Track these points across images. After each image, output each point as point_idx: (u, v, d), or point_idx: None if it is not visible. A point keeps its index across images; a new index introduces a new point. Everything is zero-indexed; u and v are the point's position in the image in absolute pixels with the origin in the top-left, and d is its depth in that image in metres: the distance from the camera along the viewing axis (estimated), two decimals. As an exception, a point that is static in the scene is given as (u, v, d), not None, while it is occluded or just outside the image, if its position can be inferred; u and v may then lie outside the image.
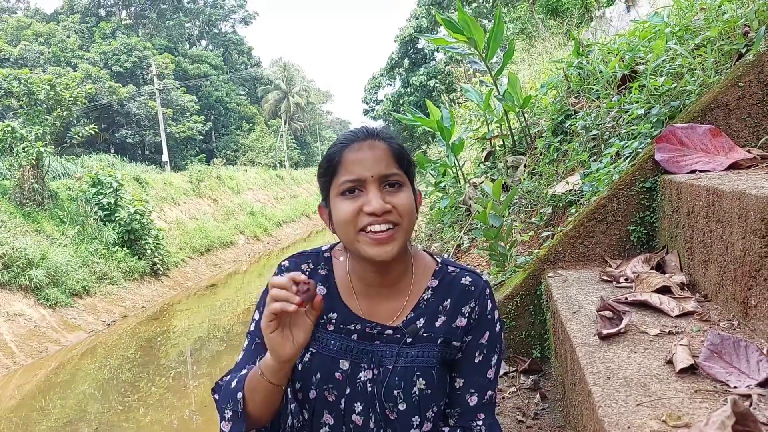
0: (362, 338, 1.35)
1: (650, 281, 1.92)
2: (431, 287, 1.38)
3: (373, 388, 1.31)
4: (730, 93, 2.25)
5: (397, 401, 1.30)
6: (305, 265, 1.42)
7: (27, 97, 15.37)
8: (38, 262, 12.21)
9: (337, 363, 1.34)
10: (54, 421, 8.12)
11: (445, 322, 1.35)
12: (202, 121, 42.97)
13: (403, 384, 1.30)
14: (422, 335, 1.34)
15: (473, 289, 1.37)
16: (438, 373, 1.32)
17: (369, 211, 1.23)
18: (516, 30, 14.44)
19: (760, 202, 1.38)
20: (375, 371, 1.32)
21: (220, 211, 25.10)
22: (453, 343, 1.35)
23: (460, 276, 1.39)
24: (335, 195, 1.28)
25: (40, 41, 39.91)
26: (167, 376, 9.75)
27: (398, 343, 1.33)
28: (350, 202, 1.25)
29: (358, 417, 1.31)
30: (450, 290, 1.37)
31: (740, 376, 1.24)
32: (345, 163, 1.27)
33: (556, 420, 2.08)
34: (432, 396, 1.31)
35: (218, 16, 57.65)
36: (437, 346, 1.34)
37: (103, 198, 15.66)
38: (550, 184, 3.50)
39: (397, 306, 1.37)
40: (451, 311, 1.36)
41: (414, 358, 1.32)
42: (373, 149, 1.28)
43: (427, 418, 1.31)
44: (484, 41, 4.05)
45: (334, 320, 1.36)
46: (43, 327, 11.40)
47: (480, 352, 1.36)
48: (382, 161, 1.27)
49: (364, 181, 1.25)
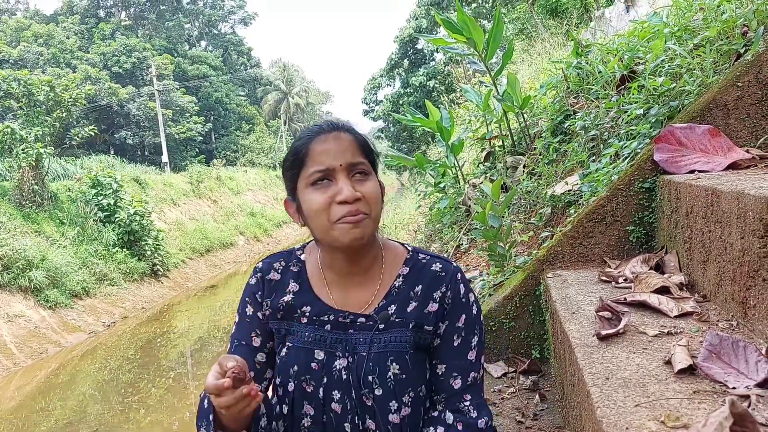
0: (336, 328, 1.38)
1: (649, 281, 1.92)
2: (402, 274, 1.41)
3: (349, 376, 1.33)
4: (728, 93, 2.25)
5: (373, 387, 1.32)
6: (277, 263, 1.47)
7: (26, 98, 15.38)
8: (38, 264, 12.21)
9: (312, 353, 1.36)
10: (54, 422, 8.13)
11: (417, 307, 1.38)
12: (201, 122, 42.93)
13: (378, 369, 1.32)
14: (394, 321, 1.36)
15: (443, 275, 1.40)
16: (411, 358, 1.34)
17: (341, 200, 1.26)
18: (515, 30, 14.43)
19: (759, 203, 1.38)
20: (350, 359, 1.35)
21: (219, 211, 25.11)
22: (425, 328, 1.37)
23: (430, 263, 1.42)
24: (304, 186, 1.31)
25: (40, 42, 39.90)
26: (167, 377, 9.75)
27: (371, 330, 1.36)
28: (321, 193, 1.29)
29: (337, 405, 1.33)
30: (420, 277, 1.40)
31: (739, 376, 1.24)
32: (312, 154, 1.30)
33: (556, 421, 2.08)
34: (407, 381, 1.33)
35: (218, 17, 57.63)
36: (409, 331, 1.36)
37: (103, 199, 15.67)
38: (549, 184, 3.49)
39: (368, 295, 1.40)
40: (422, 297, 1.38)
41: (387, 344, 1.35)
42: (339, 140, 1.31)
43: (404, 403, 1.32)
44: (483, 42, 4.05)
45: (307, 313, 1.39)
46: (43, 328, 11.40)
47: (458, 336, 1.38)
48: (349, 151, 1.31)
49: (333, 170, 1.29)
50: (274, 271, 1.45)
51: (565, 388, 1.92)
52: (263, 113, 58.33)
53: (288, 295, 1.41)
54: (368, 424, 1.33)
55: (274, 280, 1.44)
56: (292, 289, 1.42)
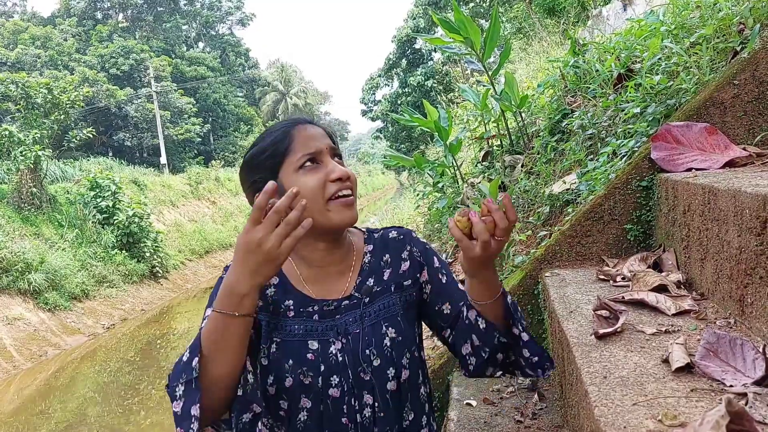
0: (323, 316, 1.39)
1: (647, 280, 1.92)
2: (368, 251, 1.50)
3: (344, 357, 1.35)
4: (725, 91, 2.25)
5: (371, 358, 1.35)
6: None
7: (24, 100, 15.39)
8: (37, 266, 12.21)
9: (306, 345, 1.36)
10: (54, 424, 8.12)
11: (392, 272, 1.48)
12: (200, 123, 42.89)
13: (374, 341, 1.37)
14: (376, 291, 1.43)
15: (402, 237, 1.53)
16: (404, 318, 1.44)
17: (335, 177, 1.33)
18: (513, 29, 14.43)
19: (756, 200, 1.38)
20: (343, 341, 1.37)
21: (218, 213, 25.11)
22: (405, 284, 1.47)
23: (386, 234, 1.54)
24: (292, 172, 1.34)
25: (37, 45, 39.87)
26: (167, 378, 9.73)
27: (358, 307, 1.40)
28: (312, 175, 1.33)
29: (335, 390, 1.34)
30: (384, 247, 1.51)
31: (736, 374, 1.24)
32: (298, 140, 1.36)
33: (554, 420, 2.08)
34: (403, 342, 1.40)
35: (215, 18, 57.60)
36: (393, 294, 1.45)
37: (102, 201, 15.67)
38: (547, 183, 3.50)
39: (344, 281, 1.44)
40: (393, 262, 1.49)
41: (378, 312, 1.41)
42: (315, 128, 1.41)
43: (402, 365, 1.38)
44: (480, 41, 4.05)
45: (292, 307, 1.39)
46: (42, 331, 11.40)
47: (441, 274, 1.51)
48: (326, 137, 1.40)
49: (321, 152, 1.36)
50: None
51: (563, 387, 1.92)
52: (261, 114, 58.30)
53: (270, 288, 1.41)
54: (365, 400, 1.35)
55: None
56: (273, 282, 1.41)
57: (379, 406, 1.35)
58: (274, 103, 60.66)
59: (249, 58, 61.47)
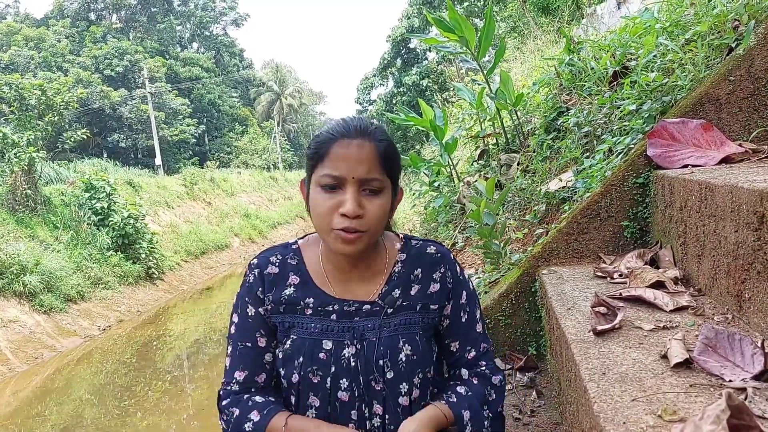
0: (342, 317, 1.38)
1: (644, 276, 1.92)
2: (400, 260, 1.45)
3: (357, 363, 1.34)
4: (720, 87, 2.26)
5: (384, 370, 1.34)
6: (273, 257, 1.45)
7: (18, 102, 15.32)
8: (32, 268, 12.15)
9: (320, 344, 1.36)
10: (50, 427, 8.09)
11: (420, 290, 1.43)
12: (194, 124, 42.84)
13: (389, 353, 1.35)
14: (401, 304, 1.40)
15: (440, 256, 1.46)
16: (421, 339, 1.39)
17: (342, 212, 1.27)
18: (507, 28, 14.44)
19: (752, 196, 1.38)
20: (358, 346, 1.36)
21: (214, 213, 25.05)
22: (431, 308, 1.42)
23: (424, 247, 1.47)
24: (315, 184, 1.32)
25: (31, 46, 39.78)
26: (164, 380, 9.72)
27: (378, 316, 1.38)
28: (327, 198, 1.29)
29: (344, 393, 1.34)
30: (418, 260, 1.45)
31: (735, 369, 1.24)
32: (331, 156, 1.29)
33: (553, 417, 2.08)
34: (417, 362, 1.36)
35: (209, 19, 57.49)
36: (417, 313, 1.41)
37: (97, 203, 15.61)
38: (543, 181, 3.50)
39: (370, 284, 1.42)
40: (423, 279, 1.43)
41: (397, 326, 1.38)
42: (361, 149, 1.29)
43: (414, 385, 1.36)
44: (475, 40, 4.05)
45: (311, 305, 1.39)
46: (38, 333, 11.35)
47: (464, 312, 1.46)
48: (366, 164, 1.29)
49: (345, 180, 1.28)
50: (271, 264, 1.43)
51: (561, 384, 1.92)
52: (256, 114, 58.26)
53: (289, 288, 1.40)
54: (375, 409, 1.35)
55: (272, 274, 1.42)
56: (293, 282, 1.41)
57: (390, 418, 1.35)
58: (269, 104, 60.61)
59: (243, 58, 61.44)
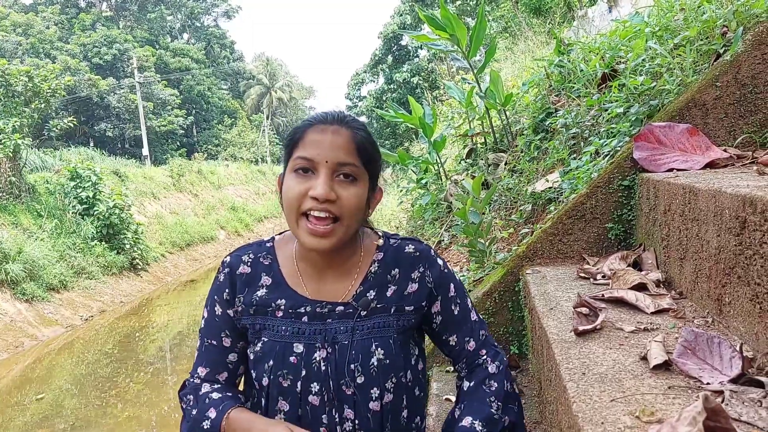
0: (313, 319, 1.35)
1: (627, 278, 1.93)
2: (377, 260, 1.41)
3: (328, 367, 1.31)
4: (707, 93, 2.27)
5: (354, 375, 1.30)
6: (246, 256, 1.42)
7: (4, 88, 15.14)
8: (14, 256, 12.02)
9: (291, 347, 1.33)
10: (30, 416, 8.02)
11: (396, 291, 1.38)
12: (183, 115, 42.53)
13: (361, 357, 1.31)
14: (375, 307, 1.36)
15: (418, 255, 1.42)
16: (396, 342, 1.35)
17: (312, 195, 1.24)
18: (499, 28, 14.47)
19: (735, 201, 1.39)
20: (329, 349, 1.32)
21: (200, 206, 24.94)
22: (406, 309, 1.38)
23: (402, 246, 1.43)
24: (290, 170, 1.29)
25: (19, 32, 39.26)
26: (145, 371, 9.66)
27: (351, 318, 1.34)
28: (299, 182, 1.26)
29: (314, 397, 1.31)
30: (395, 260, 1.41)
31: (713, 372, 1.25)
32: (305, 140, 1.28)
33: (533, 416, 2.09)
34: (390, 366, 1.33)
35: (200, 10, 57.09)
36: (391, 315, 1.36)
37: (82, 192, 15.46)
38: (530, 181, 3.51)
39: (345, 284, 1.38)
40: (401, 280, 1.39)
41: (371, 329, 1.34)
42: (337, 134, 1.27)
43: (387, 389, 1.32)
44: (466, 38, 4.05)
45: (282, 306, 1.36)
46: (19, 321, 11.24)
47: (455, 304, 1.44)
48: (342, 149, 1.26)
49: (317, 163, 1.25)
50: (243, 264, 1.41)
51: (542, 383, 1.93)
52: (246, 107, 57.99)
53: (261, 289, 1.38)
54: (346, 414, 1.31)
55: (244, 274, 1.40)
56: (265, 283, 1.38)
57: (360, 423, 1.31)
58: (259, 97, 60.34)
59: (234, 50, 61.05)
